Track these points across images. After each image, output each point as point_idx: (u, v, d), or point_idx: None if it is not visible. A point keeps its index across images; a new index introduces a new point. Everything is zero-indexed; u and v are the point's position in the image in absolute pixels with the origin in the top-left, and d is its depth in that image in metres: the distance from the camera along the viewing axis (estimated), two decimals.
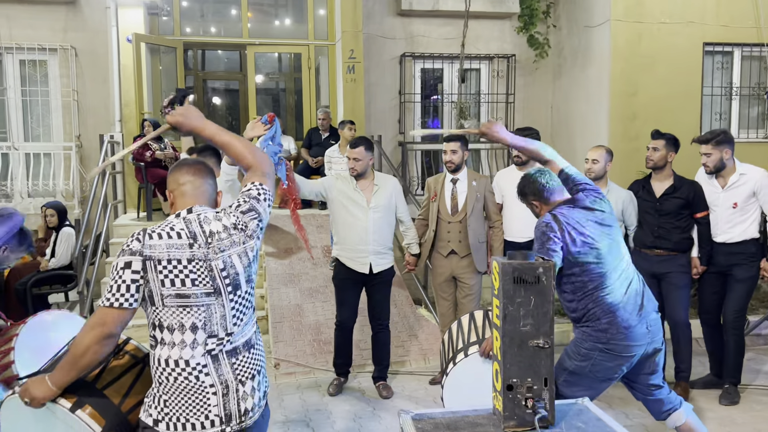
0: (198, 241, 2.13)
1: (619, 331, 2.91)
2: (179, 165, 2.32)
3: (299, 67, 9.29)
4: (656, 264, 4.44)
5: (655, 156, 4.48)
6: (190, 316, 2.09)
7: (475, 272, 4.75)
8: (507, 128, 9.32)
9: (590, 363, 2.96)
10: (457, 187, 4.76)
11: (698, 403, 4.42)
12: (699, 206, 4.43)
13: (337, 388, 4.74)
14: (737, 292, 4.44)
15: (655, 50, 7.85)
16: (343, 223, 4.60)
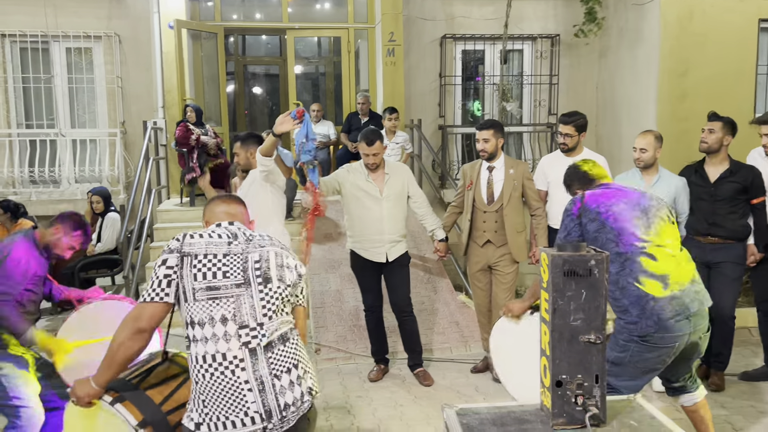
0: (238, 239, 2.24)
1: (647, 323, 2.80)
2: (213, 199, 2.48)
3: (339, 51, 9.23)
4: (709, 252, 4.28)
5: (711, 138, 4.30)
6: (219, 307, 2.12)
7: (511, 262, 4.61)
8: (551, 110, 9.14)
9: (629, 354, 2.87)
10: (493, 176, 4.59)
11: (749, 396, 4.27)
12: (757, 191, 4.25)
13: (377, 375, 4.73)
14: None
15: (708, 27, 7.52)
16: (357, 215, 4.57)
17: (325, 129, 8.35)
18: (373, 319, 4.73)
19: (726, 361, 4.41)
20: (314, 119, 8.34)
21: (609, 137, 8.68)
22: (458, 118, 9.09)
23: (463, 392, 4.53)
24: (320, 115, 8.36)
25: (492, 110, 8.90)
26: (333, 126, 8.50)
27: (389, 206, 4.55)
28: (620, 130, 8.39)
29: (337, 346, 5.41)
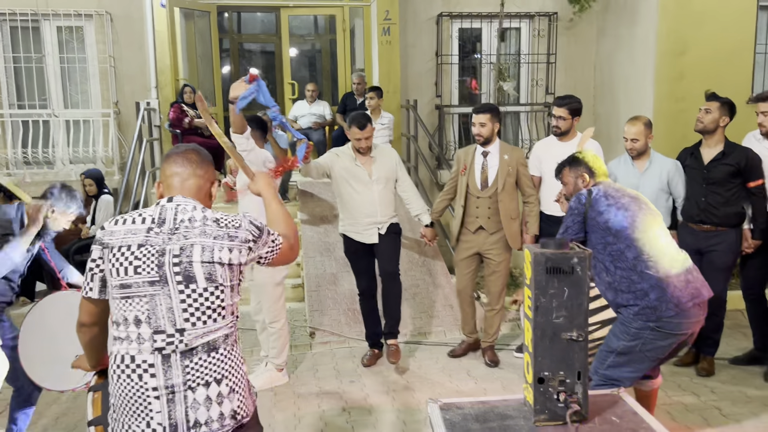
0: (163, 226, 1.96)
1: (668, 308, 2.80)
2: (169, 155, 2.14)
3: (334, 29, 9.12)
4: (702, 239, 4.26)
5: (707, 118, 4.22)
6: (132, 308, 1.91)
7: (503, 249, 4.60)
8: (548, 90, 9.07)
9: (641, 342, 2.85)
10: (487, 161, 4.55)
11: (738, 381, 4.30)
12: (752, 174, 4.15)
13: (371, 360, 4.76)
14: None
15: (706, 6, 7.43)
16: (349, 199, 4.55)
17: (320, 109, 8.29)
18: (367, 304, 4.75)
19: (716, 346, 4.42)
20: (310, 99, 8.28)
21: (607, 116, 8.63)
22: (455, 97, 9.02)
23: (455, 376, 4.56)
24: (315, 95, 8.29)
25: (489, 89, 8.83)
26: (329, 106, 8.44)
27: (379, 189, 4.54)
28: (618, 109, 8.33)
29: (331, 329, 5.43)
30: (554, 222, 4.59)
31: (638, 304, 2.85)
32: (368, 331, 4.82)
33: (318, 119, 8.14)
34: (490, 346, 4.78)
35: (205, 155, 2.17)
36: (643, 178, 4.32)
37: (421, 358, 4.91)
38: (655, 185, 4.29)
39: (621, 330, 2.91)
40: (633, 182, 4.29)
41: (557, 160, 4.50)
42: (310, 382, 4.49)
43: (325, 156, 4.69)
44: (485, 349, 4.79)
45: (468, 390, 4.29)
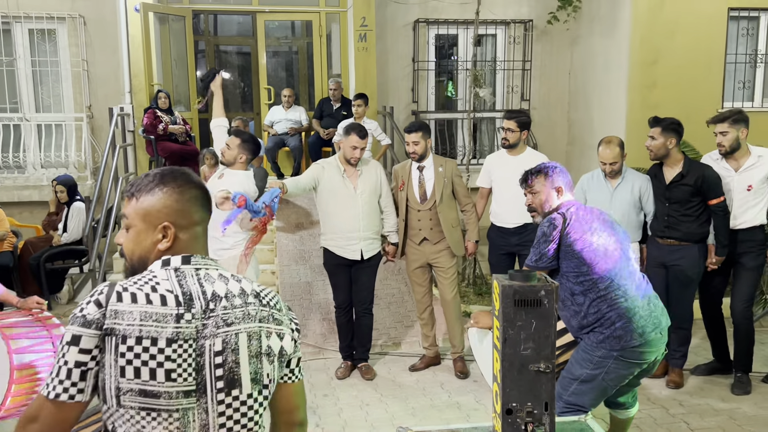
0: (193, 308, 1.43)
1: (632, 337, 2.83)
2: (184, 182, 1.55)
3: (311, 34, 9.09)
4: (667, 254, 4.34)
5: (653, 145, 4.28)
6: (156, 424, 1.39)
7: (449, 257, 4.74)
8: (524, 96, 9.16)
9: (604, 371, 2.86)
10: (423, 175, 4.68)
11: (706, 393, 4.38)
12: (710, 192, 4.21)
13: (344, 372, 4.77)
14: (747, 280, 4.35)
15: (678, 16, 7.55)
16: (333, 212, 4.57)
17: (297, 115, 8.26)
18: (343, 316, 4.77)
19: (684, 358, 4.51)
20: (286, 105, 8.25)
21: (581, 124, 8.73)
22: (432, 103, 9.06)
23: (428, 389, 4.58)
24: (292, 100, 8.26)
25: (465, 95, 8.87)
26: (305, 112, 8.41)
27: (364, 203, 4.56)
28: (592, 117, 8.44)
29: (306, 341, 5.43)
30: (505, 233, 4.69)
31: (604, 333, 2.86)
32: (342, 344, 4.84)
33: (294, 125, 8.12)
34: (459, 357, 4.83)
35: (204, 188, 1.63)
36: (615, 194, 4.38)
37: (396, 371, 4.93)
38: (627, 200, 4.36)
39: (584, 358, 2.91)
40: (605, 197, 4.35)
41: (507, 173, 4.62)
42: None
43: (310, 170, 4.68)
44: (455, 360, 4.85)
45: (441, 404, 4.32)
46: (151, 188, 1.54)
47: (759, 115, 7.81)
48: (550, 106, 9.08)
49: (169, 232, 1.52)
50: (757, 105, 8.11)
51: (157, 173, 1.56)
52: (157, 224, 1.52)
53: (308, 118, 8.35)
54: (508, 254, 4.74)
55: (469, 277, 7.01)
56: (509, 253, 4.74)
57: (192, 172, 1.61)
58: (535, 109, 9.04)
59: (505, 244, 4.73)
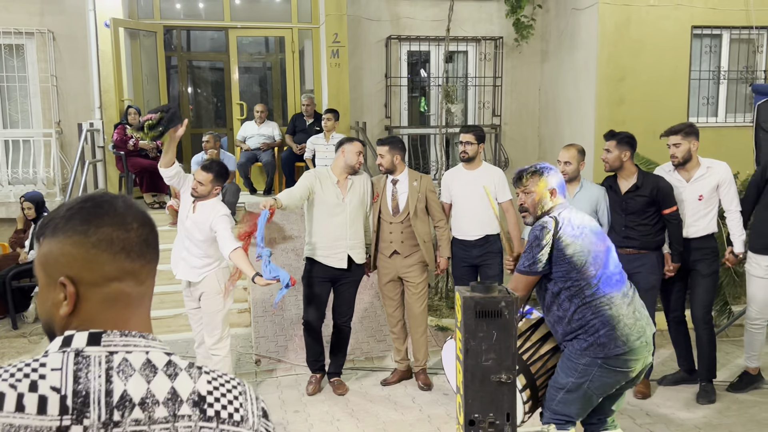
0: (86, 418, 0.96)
1: (616, 345, 2.83)
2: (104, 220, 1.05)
3: (284, 50, 9.13)
4: (626, 262, 4.39)
5: (608, 158, 4.41)
6: None
7: (420, 271, 4.76)
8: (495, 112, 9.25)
9: (588, 380, 2.84)
10: (397, 188, 4.72)
11: (672, 403, 4.44)
12: (665, 202, 4.33)
13: (314, 387, 4.73)
14: (704, 287, 4.46)
15: (644, 34, 7.74)
16: (322, 220, 4.58)
17: (269, 130, 8.26)
18: (311, 335, 4.74)
19: (650, 368, 4.56)
20: (258, 120, 8.25)
21: (551, 138, 8.85)
22: (404, 118, 9.13)
23: (400, 403, 4.58)
24: (264, 116, 8.27)
25: (438, 111, 8.96)
26: (278, 127, 8.42)
27: (351, 213, 4.60)
28: (562, 132, 8.56)
29: (278, 356, 5.39)
30: (467, 246, 4.75)
31: (588, 340, 2.85)
32: (310, 358, 4.81)
33: (267, 140, 8.12)
34: (422, 370, 4.85)
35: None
36: (572, 203, 4.46)
37: (367, 385, 4.92)
38: (584, 209, 4.43)
39: (569, 366, 2.89)
40: None
41: (465, 187, 4.71)
42: None
43: (303, 180, 4.67)
44: (417, 373, 4.86)
45: (412, 419, 4.32)
46: (56, 225, 1.05)
47: (723, 130, 8.04)
48: (521, 121, 9.21)
49: (67, 291, 1.02)
50: (721, 120, 8.31)
51: (73, 203, 1.08)
52: (57, 278, 1.03)
53: (281, 133, 8.36)
54: (471, 266, 4.80)
55: (441, 291, 7.04)
56: (472, 266, 4.80)
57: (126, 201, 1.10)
58: (507, 124, 9.16)
59: (467, 257, 4.79)
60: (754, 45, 8.22)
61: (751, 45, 8.23)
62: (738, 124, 8.18)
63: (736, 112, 8.33)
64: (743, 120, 8.24)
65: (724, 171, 4.43)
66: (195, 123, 10.97)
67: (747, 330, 4.62)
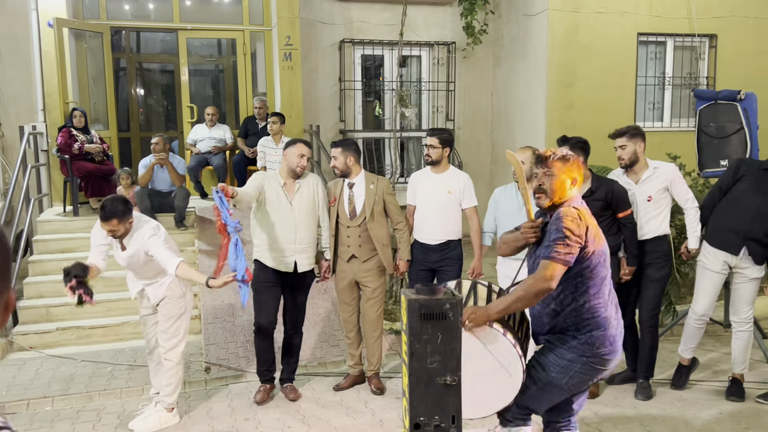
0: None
1: (604, 345, 2.85)
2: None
3: (236, 53, 9.01)
4: None
5: None
6: None
7: (377, 276, 4.72)
8: (448, 116, 9.32)
9: (568, 376, 2.86)
10: (353, 191, 4.68)
11: (619, 402, 4.52)
12: (619, 206, 4.38)
13: (263, 396, 4.64)
14: (652, 290, 4.53)
15: (592, 40, 7.91)
16: (270, 222, 4.50)
17: (221, 133, 8.13)
18: (263, 342, 4.64)
19: None
20: (209, 123, 8.12)
21: (503, 143, 8.95)
22: (359, 122, 9.11)
23: (352, 408, 4.54)
24: (215, 119, 8.14)
25: (392, 115, 8.97)
26: (229, 130, 8.30)
27: (300, 216, 4.52)
28: (514, 137, 8.68)
29: (228, 364, 5.29)
30: (428, 249, 4.74)
31: (579, 338, 2.85)
32: (262, 368, 4.71)
33: (218, 143, 7.99)
34: (375, 374, 4.82)
35: None
36: (524, 206, 4.50)
37: (320, 390, 4.86)
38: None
39: (552, 362, 2.87)
40: (514, 208, 4.49)
41: (430, 190, 4.70)
42: (203, 422, 4.34)
43: (253, 180, 4.59)
44: (370, 377, 4.83)
45: (364, 423, 4.28)
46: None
47: (668, 134, 8.26)
48: (474, 125, 9.30)
49: None
50: (666, 125, 8.55)
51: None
52: None
53: (233, 136, 8.24)
54: (429, 270, 4.77)
55: (396, 295, 7.03)
56: (429, 270, 4.77)
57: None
58: (460, 128, 9.24)
59: (426, 261, 4.76)
60: (696, 52, 8.49)
61: (693, 52, 8.50)
62: (682, 128, 8.43)
63: (681, 116, 8.58)
64: (687, 125, 8.49)
65: (672, 171, 4.51)
66: (145, 126, 10.74)
67: (690, 325, 4.67)
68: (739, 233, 4.39)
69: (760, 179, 4.38)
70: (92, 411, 4.56)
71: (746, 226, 4.36)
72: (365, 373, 4.92)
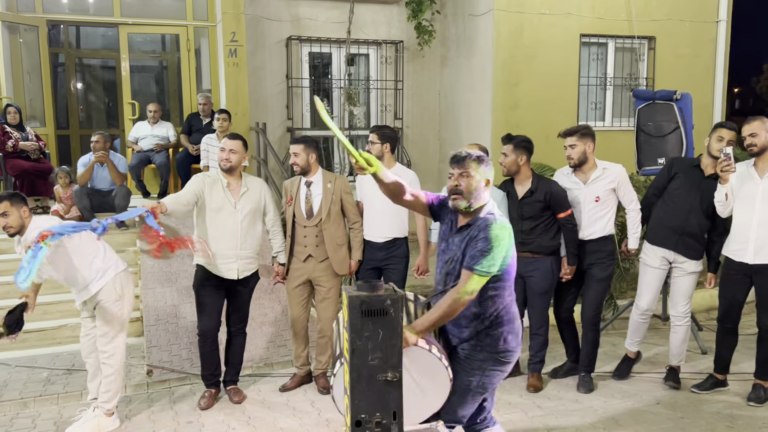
0: None
1: (514, 339, 2.92)
2: None
3: (180, 49, 8.82)
4: (522, 265, 4.51)
5: (506, 162, 4.48)
6: None
7: (332, 276, 4.65)
8: (397, 115, 9.32)
9: (482, 374, 2.89)
10: (311, 190, 4.59)
11: (562, 395, 4.61)
12: (558, 207, 4.44)
13: (209, 402, 4.53)
14: (595, 290, 4.61)
15: (536, 41, 8.04)
16: (211, 227, 4.37)
17: (163, 131, 7.95)
18: (207, 345, 4.53)
19: (542, 362, 4.72)
20: (152, 120, 7.92)
21: (451, 142, 9.02)
22: (307, 120, 9.04)
23: (299, 408, 4.49)
24: (158, 116, 7.95)
25: (340, 113, 8.93)
26: (173, 127, 8.12)
27: (244, 220, 4.39)
28: (461, 135, 8.75)
29: (171, 366, 5.16)
30: (373, 248, 4.73)
31: (492, 335, 2.88)
32: (206, 372, 4.59)
33: (160, 141, 7.80)
34: (323, 373, 4.78)
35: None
36: None
37: (266, 391, 4.79)
38: None
39: (468, 366, 2.89)
40: None
41: (375, 188, 4.63)
42: (144, 426, 4.22)
43: (191, 184, 4.42)
44: (317, 376, 4.78)
45: (310, 423, 4.24)
46: None
47: (609, 134, 8.48)
48: (423, 124, 9.34)
49: None
50: (608, 124, 8.77)
51: None
52: None
53: (176, 134, 8.06)
54: (375, 269, 4.75)
55: None
56: (375, 268, 4.75)
57: None
58: (409, 127, 9.27)
59: (372, 258, 4.74)
60: (636, 53, 8.74)
61: (633, 53, 8.74)
62: (623, 128, 8.66)
63: (622, 116, 8.81)
64: (628, 124, 8.73)
65: (620, 172, 4.56)
66: (85, 123, 10.42)
67: (634, 319, 4.80)
68: (675, 229, 4.53)
69: (693, 176, 4.53)
70: (27, 418, 4.39)
71: (681, 222, 4.50)
72: (312, 373, 4.88)
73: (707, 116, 8.74)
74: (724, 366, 4.60)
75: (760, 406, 4.33)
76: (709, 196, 4.41)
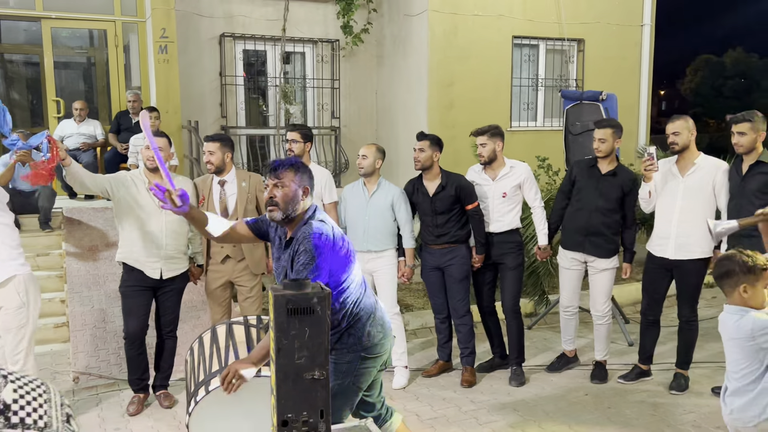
0: None
1: (378, 331, 2.93)
2: None
3: (107, 44, 8.51)
4: (439, 257, 4.72)
5: (421, 157, 4.64)
6: None
7: (253, 275, 4.60)
8: (334, 114, 9.28)
9: (353, 376, 2.92)
10: (225, 190, 4.50)
11: (495, 389, 4.70)
12: (467, 199, 4.64)
13: (138, 408, 4.39)
14: (511, 279, 4.79)
15: (470, 42, 8.15)
16: (132, 225, 4.24)
17: (90, 129, 7.67)
18: (134, 349, 4.38)
19: (473, 354, 4.81)
20: (78, 118, 7.63)
21: (387, 141, 9.04)
22: (242, 118, 8.90)
23: None
24: (84, 113, 7.66)
25: (276, 112, 8.83)
26: (100, 126, 7.84)
27: (169, 219, 4.26)
28: (397, 134, 8.80)
29: (99, 372, 4.99)
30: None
31: (354, 335, 2.90)
32: (132, 376, 4.45)
33: (87, 139, 7.53)
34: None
35: None
36: (371, 200, 4.69)
37: None
38: (381, 207, 4.66)
39: (334, 370, 2.87)
40: (362, 203, 4.67)
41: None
42: None
43: (114, 174, 4.33)
44: None
45: None
46: None
47: (541, 133, 8.69)
48: (360, 123, 9.34)
49: None
50: (540, 124, 8.99)
51: None
52: None
53: (104, 132, 7.79)
54: None
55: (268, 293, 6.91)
56: None
57: None
58: (346, 126, 9.25)
59: None
60: (566, 55, 8.98)
61: (563, 55, 8.99)
62: (554, 128, 8.88)
63: (553, 116, 9.04)
64: (559, 124, 8.95)
65: (525, 171, 4.81)
66: None
67: (561, 317, 5.03)
68: (581, 231, 4.73)
69: (591, 177, 4.72)
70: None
71: (585, 223, 4.69)
72: None
73: (634, 117, 9.08)
74: (647, 356, 4.79)
75: (681, 394, 4.53)
76: (609, 193, 4.59)
